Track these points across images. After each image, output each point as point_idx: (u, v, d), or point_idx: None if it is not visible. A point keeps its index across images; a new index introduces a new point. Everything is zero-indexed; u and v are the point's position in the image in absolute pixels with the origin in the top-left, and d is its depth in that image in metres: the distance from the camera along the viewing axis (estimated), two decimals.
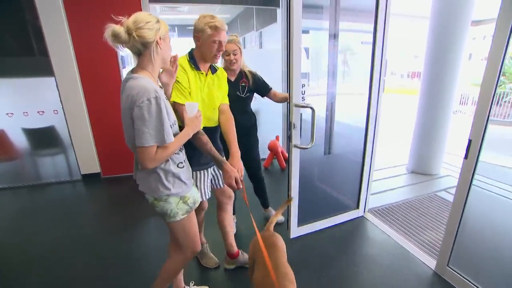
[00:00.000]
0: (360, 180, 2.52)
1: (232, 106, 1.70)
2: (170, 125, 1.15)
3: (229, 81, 1.84)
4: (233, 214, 2.45)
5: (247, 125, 2.18)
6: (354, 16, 2.80)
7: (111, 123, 3.41)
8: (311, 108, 1.82)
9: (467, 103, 8.44)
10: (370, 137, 2.37)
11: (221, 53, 1.47)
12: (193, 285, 1.79)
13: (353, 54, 3.53)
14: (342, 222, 2.53)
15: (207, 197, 1.67)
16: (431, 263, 1.97)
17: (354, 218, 2.59)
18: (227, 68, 2.00)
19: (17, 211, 2.94)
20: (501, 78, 1.47)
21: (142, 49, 1.10)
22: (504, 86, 8.36)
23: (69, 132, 3.37)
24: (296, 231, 2.31)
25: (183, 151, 1.34)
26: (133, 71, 1.15)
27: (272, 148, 3.81)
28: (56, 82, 3.19)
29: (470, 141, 1.59)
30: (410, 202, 2.84)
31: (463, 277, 1.75)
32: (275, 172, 3.79)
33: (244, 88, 2.09)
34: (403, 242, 2.23)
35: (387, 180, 3.47)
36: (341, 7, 2.63)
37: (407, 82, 20.32)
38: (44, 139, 3.45)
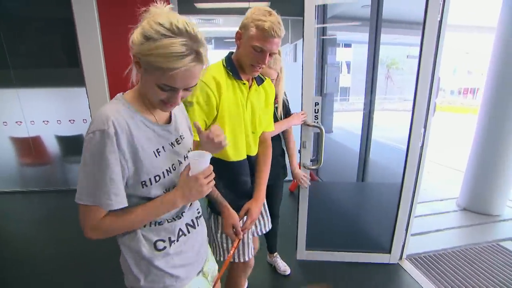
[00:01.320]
0: (395, 216, 2.10)
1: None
2: (146, 181, 0.75)
3: None
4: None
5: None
6: (400, 27, 2.47)
7: None
8: (320, 128, 1.79)
9: None
10: (412, 164, 1.96)
11: (261, 67, 1.07)
12: None
13: (398, 69, 3.17)
14: (367, 263, 2.14)
15: (251, 255, 1.30)
16: None
17: (384, 264, 2.16)
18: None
19: (44, 215, 3.04)
20: None
21: None
22: None
23: None
24: (304, 254, 2.17)
25: (181, 219, 0.86)
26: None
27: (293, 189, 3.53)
28: (86, 93, 3.28)
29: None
30: (463, 251, 2.30)
31: None
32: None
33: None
34: None
35: (432, 217, 2.92)
36: (384, 18, 2.34)
37: (458, 99, 18.51)
38: (73, 146, 3.57)
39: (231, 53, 1.15)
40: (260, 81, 1.19)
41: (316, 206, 2.10)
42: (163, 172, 0.78)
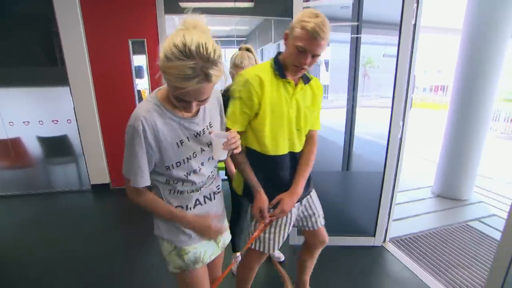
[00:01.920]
0: (378, 204, 2.28)
1: None
2: (169, 166, 0.92)
3: None
4: (237, 251, 2.03)
5: None
6: (378, 28, 2.64)
7: (122, 134, 3.37)
8: None
9: (498, 119, 7.87)
10: (393, 154, 2.14)
11: (305, 68, 1.10)
12: None
13: (375, 68, 3.36)
14: (353, 246, 2.32)
15: (275, 249, 1.34)
16: None
17: (369, 247, 2.34)
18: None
19: (25, 220, 2.92)
20: None
21: None
22: None
23: (80, 141, 3.35)
24: (296, 239, 2.31)
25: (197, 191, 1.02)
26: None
27: None
28: (70, 92, 3.20)
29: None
30: (438, 232, 2.54)
31: None
32: None
33: None
34: (431, 281, 1.95)
35: (410, 204, 3.17)
36: (364, 19, 2.50)
37: (430, 96, 19.56)
38: (56, 147, 3.47)
39: (279, 53, 1.21)
40: (306, 80, 1.22)
41: None
42: (183, 160, 0.93)
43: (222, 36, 5.21)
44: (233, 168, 1.59)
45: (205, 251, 1.06)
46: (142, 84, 3.40)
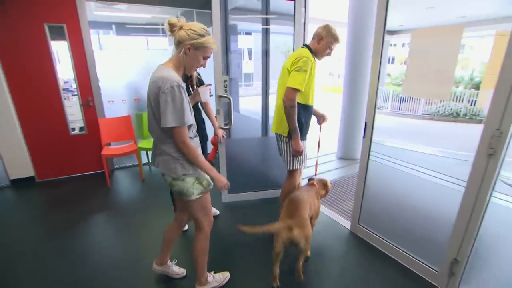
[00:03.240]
0: None
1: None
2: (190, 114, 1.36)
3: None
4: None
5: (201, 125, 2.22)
6: (283, 20, 3.17)
7: (46, 123, 3.25)
8: (229, 98, 2.43)
9: (388, 100, 9.80)
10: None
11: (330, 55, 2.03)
12: (175, 263, 1.91)
13: (283, 56, 3.88)
14: (276, 197, 2.87)
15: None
16: (348, 224, 2.42)
17: None
18: (189, 70, 1.95)
19: None
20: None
21: (176, 45, 1.34)
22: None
23: None
24: (227, 197, 2.81)
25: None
26: (164, 63, 1.39)
27: (214, 142, 3.99)
28: None
29: (365, 123, 2.03)
30: (337, 182, 3.35)
31: (370, 231, 2.21)
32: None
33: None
34: (330, 213, 2.66)
35: (323, 165, 3.98)
36: (271, 11, 2.98)
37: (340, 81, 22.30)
38: None
39: (306, 45, 2.01)
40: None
41: (233, 159, 2.69)
42: (191, 109, 1.42)
43: (142, 23, 5.18)
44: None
45: (209, 178, 1.52)
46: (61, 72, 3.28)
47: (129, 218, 2.64)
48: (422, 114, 8.94)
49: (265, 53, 3.09)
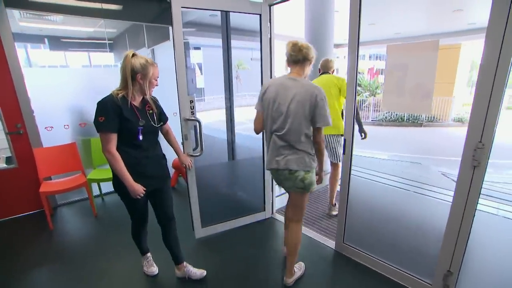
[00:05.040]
0: (263, 183, 2.73)
1: (149, 139, 1.65)
2: None
3: (136, 109, 1.58)
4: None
5: (161, 161, 1.80)
6: (244, 35, 3.08)
7: None
8: (198, 121, 2.13)
9: (369, 110, 10.23)
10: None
11: None
12: None
13: (245, 70, 3.76)
14: (251, 223, 2.71)
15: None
16: (331, 243, 2.33)
17: (263, 220, 2.79)
18: (141, 93, 1.60)
19: None
20: (358, 88, 1.95)
21: (302, 61, 1.73)
22: (362, 95, 10.69)
23: None
24: (201, 231, 2.48)
25: None
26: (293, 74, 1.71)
27: (177, 166, 3.67)
28: None
29: (345, 140, 1.99)
30: (310, 197, 3.27)
31: (356, 248, 2.14)
32: (183, 191, 3.65)
33: (153, 116, 1.67)
34: (309, 232, 2.55)
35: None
36: (232, 27, 2.87)
37: None
38: None
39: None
40: None
41: (202, 187, 2.37)
42: None
43: (82, 37, 4.65)
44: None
45: None
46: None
47: (83, 267, 2.16)
48: (372, 120, 9.67)
49: (227, 68, 2.92)
